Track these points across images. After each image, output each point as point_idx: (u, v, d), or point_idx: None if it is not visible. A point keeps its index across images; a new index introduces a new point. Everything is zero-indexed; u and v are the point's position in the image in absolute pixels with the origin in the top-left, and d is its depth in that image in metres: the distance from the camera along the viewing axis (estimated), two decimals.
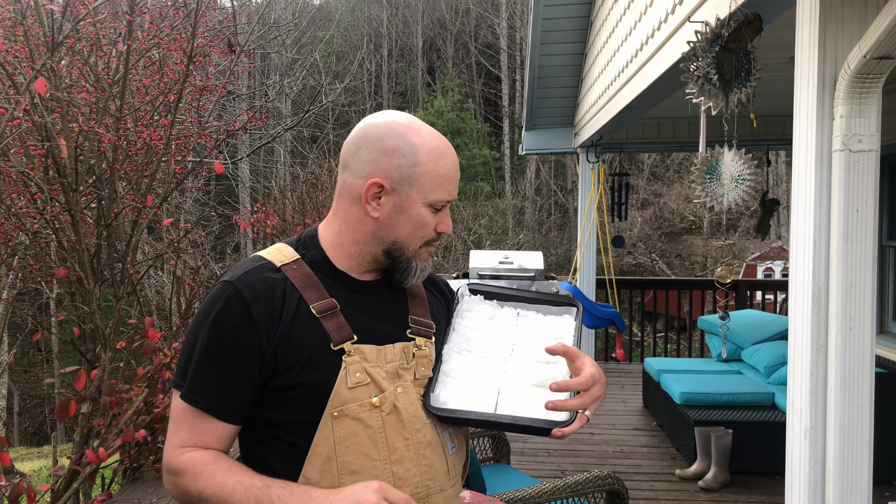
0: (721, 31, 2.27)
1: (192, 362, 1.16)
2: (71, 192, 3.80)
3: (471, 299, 1.41)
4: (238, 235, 17.75)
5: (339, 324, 1.18)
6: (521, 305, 1.42)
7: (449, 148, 1.26)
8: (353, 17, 29.86)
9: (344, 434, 1.14)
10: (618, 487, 2.31)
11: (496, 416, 1.21)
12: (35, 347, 13.90)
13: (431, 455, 1.20)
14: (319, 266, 1.24)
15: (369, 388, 1.17)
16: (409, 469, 1.17)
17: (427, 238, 1.24)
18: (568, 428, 1.16)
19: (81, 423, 3.08)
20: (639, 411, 5.81)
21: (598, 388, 1.18)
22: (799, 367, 1.99)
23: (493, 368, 1.30)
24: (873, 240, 1.89)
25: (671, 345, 10.14)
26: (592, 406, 1.17)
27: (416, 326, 1.27)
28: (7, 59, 3.81)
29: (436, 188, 1.21)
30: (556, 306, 1.42)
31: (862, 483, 1.88)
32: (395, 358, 1.21)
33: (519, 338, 1.35)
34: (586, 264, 6.70)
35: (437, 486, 1.21)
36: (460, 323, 1.36)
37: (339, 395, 1.15)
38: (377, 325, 1.23)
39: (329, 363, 1.16)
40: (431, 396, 1.23)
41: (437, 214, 1.24)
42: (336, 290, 1.22)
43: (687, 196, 18.90)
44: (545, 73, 6.42)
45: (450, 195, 1.24)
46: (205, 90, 5.21)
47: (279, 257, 1.23)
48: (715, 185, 2.52)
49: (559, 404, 1.15)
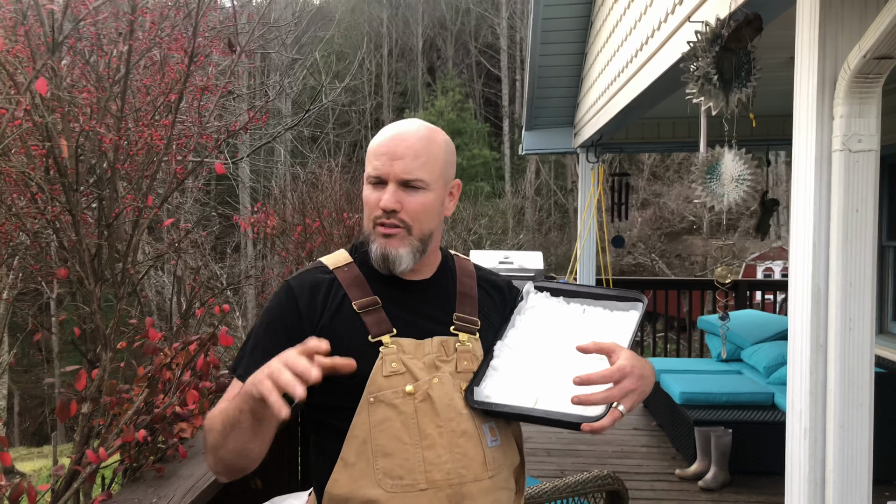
0: (721, 31, 2.27)
1: (248, 348, 1.30)
2: (72, 192, 3.80)
3: (535, 296, 1.42)
4: (238, 235, 17.75)
5: (379, 318, 1.28)
6: (588, 301, 1.41)
7: (395, 125, 1.32)
8: (353, 17, 29.85)
9: (379, 419, 1.22)
10: (618, 487, 2.31)
11: (529, 411, 1.23)
12: (35, 347, 13.89)
13: (466, 444, 1.24)
14: (368, 266, 1.34)
15: (404, 378, 1.24)
16: (440, 455, 1.21)
17: (374, 215, 1.29)
18: (598, 423, 1.16)
19: (81, 423, 3.08)
20: (639, 411, 5.81)
21: (630, 381, 1.16)
22: (799, 367, 1.99)
23: (542, 365, 1.30)
24: (873, 240, 1.89)
25: (671, 345, 10.12)
26: (626, 400, 1.16)
27: (459, 323, 1.33)
28: (8, 59, 3.81)
29: (370, 161, 1.30)
30: (622, 302, 1.40)
31: (862, 483, 1.88)
32: (433, 351, 1.28)
33: (579, 334, 1.33)
34: (586, 264, 6.70)
35: (471, 475, 1.23)
36: (520, 319, 1.39)
37: (375, 383, 1.23)
38: (419, 321, 1.31)
39: (367, 354, 1.24)
40: (475, 389, 1.27)
41: (380, 191, 1.28)
42: (382, 287, 1.32)
43: (687, 196, 18.90)
44: (545, 73, 6.42)
45: (376, 169, 1.28)
46: (206, 90, 5.21)
47: (334, 261, 1.36)
48: (715, 186, 2.52)
49: (584, 398, 1.16)
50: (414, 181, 1.27)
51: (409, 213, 1.28)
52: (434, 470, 1.20)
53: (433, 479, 1.20)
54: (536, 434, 5.16)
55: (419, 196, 1.28)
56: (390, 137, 1.29)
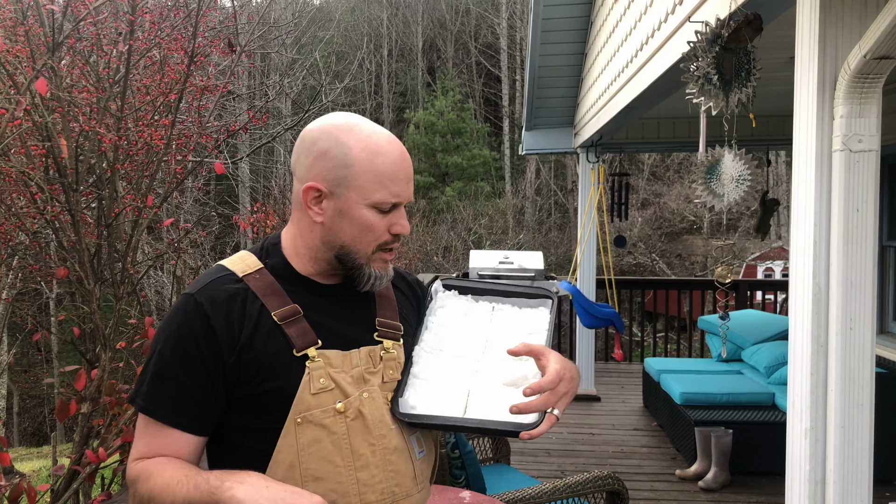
0: (721, 31, 2.27)
1: (149, 375, 1.16)
2: (71, 192, 3.80)
3: (444, 295, 1.38)
4: (238, 235, 17.75)
5: (303, 329, 1.17)
6: (497, 299, 1.39)
7: (391, 145, 1.19)
8: (353, 17, 29.86)
9: (307, 441, 1.13)
10: (618, 488, 2.31)
11: (463, 421, 1.19)
12: (35, 347, 13.89)
13: (398, 461, 1.19)
14: (282, 273, 1.22)
15: (333, 394, 1.16)
16: (374, 475, 1.16)
17: (379, 241, 1.20)
18: (536, 430, 1.14)
19: (81, 423, 3.08)
20: (639, 411, 5.81)
21: (565, 384, 1.15)
22: (799, 367, 1.99)
23: (464, 368, 1.27)
24: (873, 240, 1.89)
25: (671, 345, 10.14)
26: (560, 403, 1.15)
27: (383, 329, 1.25)
28: (8, 59, 3.81)
29: (376, 188, 1.17)
30: (531, 299, 1.38)
31: (862, 483, 1.88)
32: (360, 362, 1.20)
33: (493, 334, 1.32)
34: (586, 264, 6.70)
35: (403, 492, 1.19)
36: (433, 321, 1.34)
37: (303, 402, 1.14)
38: (343, 329, 1.22)
39: (292, 369, 1.15)
40: (400, 401, 1.21)
41: (388, 216, 1.19)
42: (299, 295, 1.21)
43: (687, 196, 18.90)
44: (545, 73, 6.42)
45: (395, 196, 1.18)
46: (205, 90, 5.21)
47: (242, 267, 1.22)
48: (715, 186, 2.52)
49: (523, 407, 1.13)
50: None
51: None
52: (368, 491, 1.15)
53: (368, 502, 1.15)
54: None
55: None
56: (400, 158, 1.20)
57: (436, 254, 17.67)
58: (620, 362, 7.41)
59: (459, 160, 24.55)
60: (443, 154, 24.53)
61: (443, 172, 24.84)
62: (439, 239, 18.29)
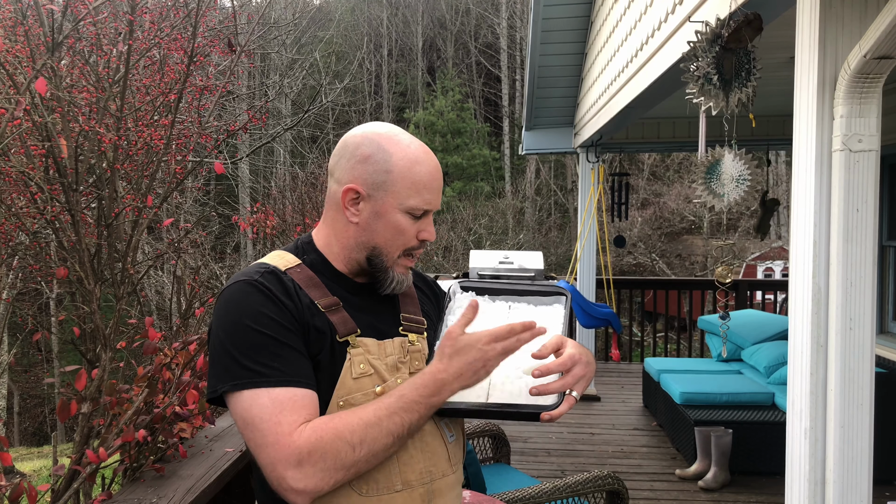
0: (721, 31, 2.27)
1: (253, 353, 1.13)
2: (71, 192, 3.80)
3: (462, 296, 1.45)
4: (238, 235, 17.76)
5: (344, 318, 1.24)
6: (512, 298, 1.46)
7: (428, 156, 1.29)
8: (353, 17, 29.86)
9: None
10: (618, 487, 2.31)
11: (486, 406, 1.25)
12: (35, 347, 13.90)
13: (433, 442, 1.25)
14: (320, 269, 1.29)
15: (372, 379, 1.22)
16: (413, 455, 1.22)
17: (407, 245, 1.28)
18: (556, 411, 1.19)
19: (81, 423, 3.08)
20: (639, 411, 5.81)
21: (581, 367, 1.20)
22: (799, 367, 1.99)
23: None
24: (873, 240, 1.89)
25: (671, 345, 10.14)
26: (578, 386, 1.20)
27: (407, 323, 1.33)
28: (7, 58, 3.81)
29: (412, 194, 1.25)
30: (545, 296, 1.46)
31: (862, 483, 1.88)
32: (394, 352, 1.27)
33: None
34: (586, 264, 6.70)
35: (439, 472, 1.26)
36: (451, 320, 1.39)
37: (345, 385, 1.19)
38: (374, 322, 1.28)
39: (335, 355, 1.20)
40: None
41: (418, 222, 1.28)
42: (336, 290, 1.27)
43: (687, 196, 18.91)
44: (545, 73, 6.42)
45: (427, 203, 1.27)
46: (205, 90, 5.22)
47: (282, 262, 1.27)
48: (715, 185, 2.52)
49: (542, 388, 1.17)
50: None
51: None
52: (408, 470, 1.21)
53: (408, 480, 1.21)
54: (536, 434, 5.16)
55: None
56: (435, 169, 1.30)
57: (436, 254, 17.69)
58: (619, 362, 7.42)
59: (459, 160, 24.57)
60: (443, 154, 24.53)
61: (443, 172, 24.84)
62: (439, 239, 18.31)
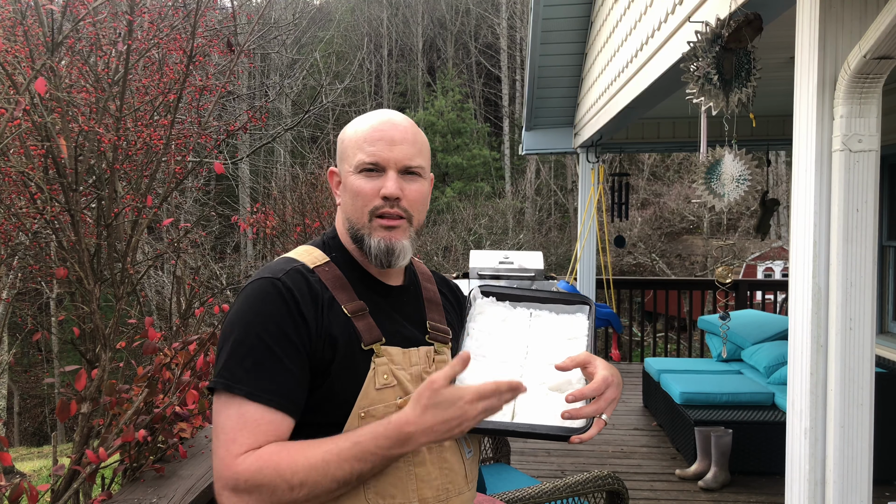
0: (721, 31, 2.27)
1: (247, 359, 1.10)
2: (71, 192, 3.80)
3: (483, 301, 1.40)
4: (238, 235, 17.76)
5: (369, 325, 1.18)
6: (534, 305, 1.40)
7: (379, 114, 1.24)
8: (353, 17, 29.86)
9: None
10: (618, 487, 2.31)
11: (514, 426, 1.19)
12: (35, 347, 13.90)
13: (451, 459, 1.22)
14: (347, 267, 1.24)
15: (395, 391, 1.17)
16: (430, 472, 1.18)
17: (370, 206, 1.20)
18: (586, 434, 1.15)
19: (81, 423, 3.08)
20: (639, 411, 5.81)
21: (612, 390, 1.16)
22: (799, 367, 1.99)
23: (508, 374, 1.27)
24: (873, 240, 1.89)
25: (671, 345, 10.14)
26: (608, 409, 1.16)
27: (433, 332, 1.28)
28: (7, 59, 3.81)
29: (357, 151, 1.21)
30: (568, 305, 1.40)
31: (862, 483, 1.88)
32: (419, 361, 1.22)
33: (533, 339, 1.34)
34: (586, 264, 6.70)
35: (455, 489, 1.22)
36: (473, 327, 1.35)
37: (367, 396, 1.15)
38: (400, 329, 1.23)
39: (358, 363, 1.16)
40: None
41: (376, 181, 1.19)
42: (363, 292, 1.23)
43: (687, 196, 18.91)
44: (545, 73, 6.43)
45: (372, 155, 1.19)
46: (205, 90, 5.22)
47: (311, 259, 1.23)
48: (715, 185, 2.52)
49: (574, 413, 1.13)
50: (415, 167, 1.21)
51: (410, 201, 1.21)
52: (425, 487, 1.17)
53: (424, 497, 1.17)
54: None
55: (417, 184, 1.22)
56: (382, 122, 1.21)
57: (436, 254, 17.68)
58: (619, 362, 7.42)
59: (459, 160, 24.56)
60: (443, 154, 24.53)
61: (443, 172, 24.84)
62: (439, 239, 18.31)
